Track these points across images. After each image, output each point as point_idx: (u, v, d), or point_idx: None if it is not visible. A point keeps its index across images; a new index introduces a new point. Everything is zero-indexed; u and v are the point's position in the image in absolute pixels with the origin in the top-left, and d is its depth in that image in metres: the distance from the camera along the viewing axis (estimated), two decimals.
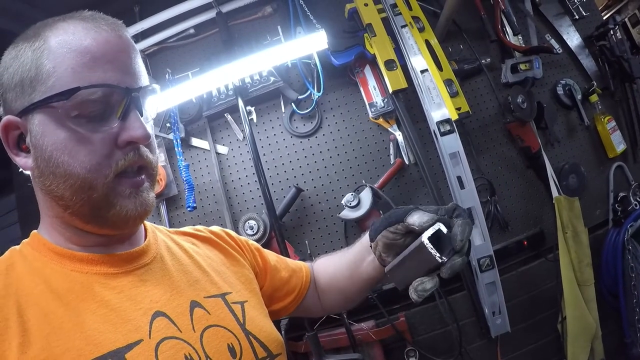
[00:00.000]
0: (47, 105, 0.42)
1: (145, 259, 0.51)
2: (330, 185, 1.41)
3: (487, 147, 1.43)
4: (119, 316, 0.44)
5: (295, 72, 1.45)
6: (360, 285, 0.66)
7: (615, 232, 1.39)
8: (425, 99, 1.27)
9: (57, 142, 0.43)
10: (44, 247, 0.47)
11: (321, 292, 0.73)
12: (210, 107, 1.43)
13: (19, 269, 0.44)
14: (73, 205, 0.45)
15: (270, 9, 1.46)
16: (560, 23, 1.54)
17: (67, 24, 0.44)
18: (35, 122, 0.44)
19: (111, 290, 0.45)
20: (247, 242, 0.69)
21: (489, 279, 1.22)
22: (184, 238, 0.61)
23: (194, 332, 0.47)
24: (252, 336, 0.52)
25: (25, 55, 0.44)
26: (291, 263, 0.73)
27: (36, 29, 0.45)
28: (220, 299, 0.54)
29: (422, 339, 1.33)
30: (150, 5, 1.47)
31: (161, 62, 1.49)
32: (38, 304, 0.41)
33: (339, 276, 0.69)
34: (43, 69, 0.43)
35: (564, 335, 1.30)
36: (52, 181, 0.44)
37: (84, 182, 0.43)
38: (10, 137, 0.46)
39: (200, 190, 1.45)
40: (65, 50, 0.43)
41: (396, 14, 1.34)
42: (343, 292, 0.70)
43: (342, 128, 1.43)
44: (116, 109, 0.45)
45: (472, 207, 1.21)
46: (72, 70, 0.42)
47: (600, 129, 1.48)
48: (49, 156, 0.43)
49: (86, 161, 0.43)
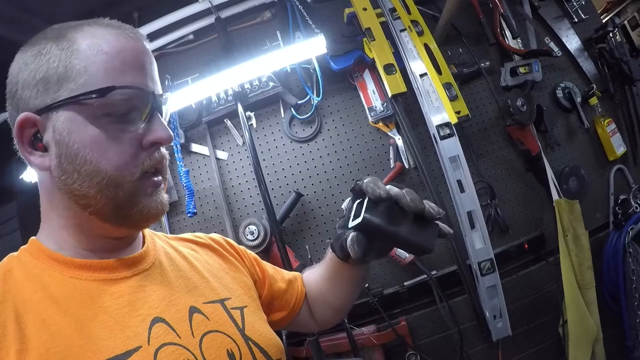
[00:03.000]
0: (77, 102, 0.43)
1: (144, 264, 0.51)
2: (330, 190, 1.41)
3: (487, 151, 1.43)
4: (118, 322, 0.43)
5: (295, 77, 1.45)
6: (345, 292, 0.69)
7: (616, 235, 1.38)
8: (424, 102, 1.27)
9: (85, 139, 0.44)
10: (42, 253, 0.47)
11: (312, 305, 0.73)
12: (210, 113, 1.43)
13: (17, 276, 0.44)
14: (96, 203, 0.45)
15: (269, 14, 1.46)
16: (560, 26, 1.54)
17: (93, 29, 0.46)
18: (61, 119, 0.44)
19: (110, 296, 0.45)
20: (245, 251, 0.70)
21: (489, 283, 1.22)
22: (183, 244, 0.62)
23: (193, 337, 0.47)
24: (252, 342, 0.52)
25: (52, 53, 0.44)
26: (286, 274, 0.74)
27: (58, 31, 0.46)
28: (219, 304, 0.54)
29: (423, 343, 1.33)
30: (149, 11, 1.48)
31: (161, 68, 1.43)
32: (36, 310, 0.41)
33: (324, 289, 0.71)
34: (74, 68, 0.43)
35: (565, 339, 1.30)
36: (75, 179, 0.44)
37: (111, 180, 0.44)
38: (25, 135, 0.45)
39: (200, 196, 1.45)
40: (96, 52, 0.44)
41: (395, 18, 1.34)
42: (331, 305, 0.71)
43: (341, 132, 1.43)
44: (140, 112, 0.46)
45: (472, 211, 1.21)
46: (105, 71, 0.44)
47: (600, 131, 1.48)
48: (76, 153, 0.44)
49: (115, 159, 0.44)
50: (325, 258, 0.68)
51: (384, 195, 0.51)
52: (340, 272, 0.65)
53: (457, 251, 1.27)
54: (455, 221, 1.25)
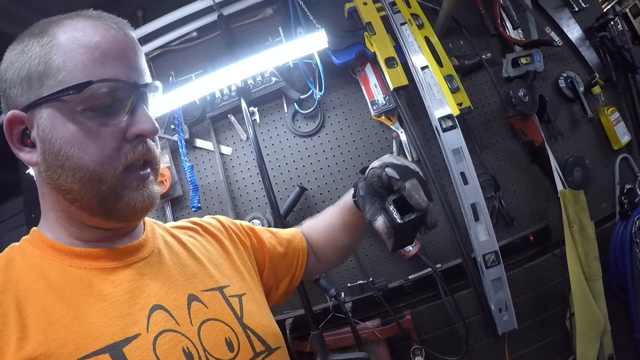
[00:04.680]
0: (57, 99, 0.43)
1: (143, 252, 0.51)
2: (334, 183, 1.42)
3: (490, 143, 1.43)
4: (117, 310, 0.44)
5: (297, 72, 1.46)
6: (356, 233, 0.72)
7: (623, 225, 1.37)
8: (426, 95, 1.27)
9: (66, 135, 0.44)
10: (43, 243, 0.47)
11: (318, 251, 0.75)
12: (214, 109, 1.44)
13: (18, 265, 0.45)
14: (81, 198, 0.45)
15: (271, 11, 1.48)
16: (560, 15, 1.53)
17: (74, 22, 0.45)
18: (44, 116, 0.44)
19: (109, 284, 0.46)
20: (240, 224, 0.70)
21: (494, 275, 1.21)
22: (182, 231, 0.62)
23: (192, 325, 0.48)
24: (250, 330, 0.52)
25: (33, 51, 0.44)
26: (284, 234, 0.74)
27: (42, 26, 0.46)
28: (218, 292, 0.54)
29: (429, 337, 1.32)
30: (153, 9, 1.50)
31: (165, 65, 1.51)
32: (36, 299, 0.42)
33: (335, 236, 0.72)
34: (52, 64, 0.43)
35: (573, 332, 1.29)
36: (60, 174, 0.45)
37: (93, 175, 0.44)
38: (14, 132, 0.46)
39: (204, 191, 1.46)
40: (74, 46, 0.43)
41: (395, 11, 1.35)
42: (343, 248, 0.74)
43: (344, 126, 1.44)
44: (124, 104, 0.45)
45: (476, 203, 1.21)
46: (82, 65, 0.43)
47: (604, 120, 1.46)
48: (58, 149, 0.44)
49: (96, 154, 0.44)
50: (339, 209, 0.70)
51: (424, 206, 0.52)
52: (356, 222, 0.68)
53: (462, 244, 1.27)
54: (460, 213, 1.24)
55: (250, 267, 0.64)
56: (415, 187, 0.51)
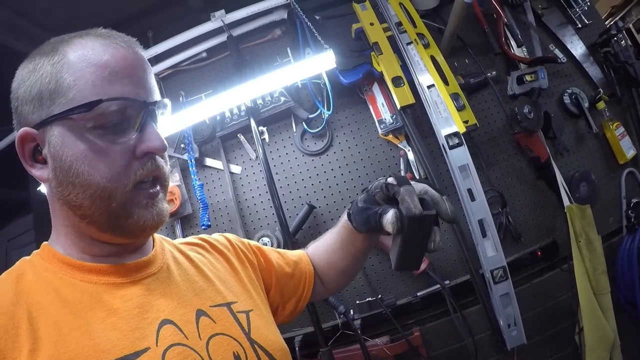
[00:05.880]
0: (67, 117, 0.44)
1: (152, 268, 0.52)
2: (342, 202, 1.43)
3: (497, 159, 1.44)
4: (127, 324, 0.45)
5: (306, 92, 1.48)
6: (357, 258, 0.71)
7: (630, 239, 1.38)
8: (432, 113, 1.29)
9: (77, 152, 0.45)
10: (53, 257, 0.48)
11: (322, 274, 0.75)
12: (224, 128, 1.46)
13: (29, 278, 0.46)
14: (91, 214, 0.46)
15: (280, 32, 1.50)
16: (564, 33, 1.55)
17: (84, 40, 0.46)
18: (55, 134, 0.45)
19: (119, 299, 0.46)
20: (248, 243, 0.71)
21: (503, 291, 1.22)
22: (190, 248, 0.63)
23: (200, 340, 0.48)
24: (258, 345, 0.53)
25: (44, 69, 0.45)
26: (292, 255, 0.75)
27: (52, 45, 0.47)
28: (226, 308, 0.55)
29: (438, 354, 1.32)
30: (163, 30, 1.53)
31: (175, 85, 1.54)
32: (48, 312, 0.43)
33: (335, 257, 0.72)
34: (63, 82, 0.44)
35: (582, 347, 1.29)
36: (71, 191, 0.46)
37: (103, 192, 0.45)
38: (26, 149, 0.47)
39: (214, 209, 1.48)
40: (84, 65, 0.45)
41: (401, 31, 1.37)
42: (343, 270, 0.73)
43: (352, 145, 1.46)
44: (133, 122, 0.47)
45: (483, 219, 1.22)
46: (92, 84, 0.44)
47: (609, 135, 1.48)
48: (69, 167, 0.45)
49: (106, 171, 0.45)
50: (337, 228, 0.70)
51: (414, 212, 0.51)
52: (353, 241, 0.68)
53: (470, 260, 1.28)
54: (467, 230, 1.25)
55: (257, 284, 0.65)
56: (409, 192, 0.52)
